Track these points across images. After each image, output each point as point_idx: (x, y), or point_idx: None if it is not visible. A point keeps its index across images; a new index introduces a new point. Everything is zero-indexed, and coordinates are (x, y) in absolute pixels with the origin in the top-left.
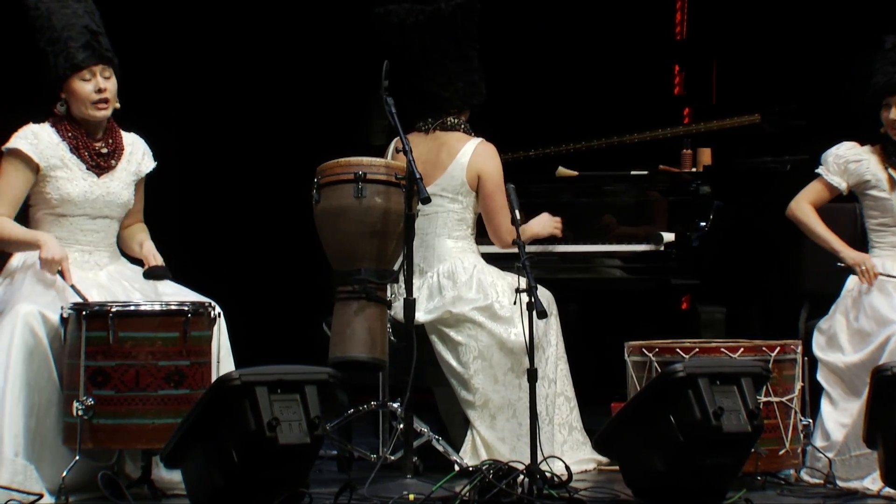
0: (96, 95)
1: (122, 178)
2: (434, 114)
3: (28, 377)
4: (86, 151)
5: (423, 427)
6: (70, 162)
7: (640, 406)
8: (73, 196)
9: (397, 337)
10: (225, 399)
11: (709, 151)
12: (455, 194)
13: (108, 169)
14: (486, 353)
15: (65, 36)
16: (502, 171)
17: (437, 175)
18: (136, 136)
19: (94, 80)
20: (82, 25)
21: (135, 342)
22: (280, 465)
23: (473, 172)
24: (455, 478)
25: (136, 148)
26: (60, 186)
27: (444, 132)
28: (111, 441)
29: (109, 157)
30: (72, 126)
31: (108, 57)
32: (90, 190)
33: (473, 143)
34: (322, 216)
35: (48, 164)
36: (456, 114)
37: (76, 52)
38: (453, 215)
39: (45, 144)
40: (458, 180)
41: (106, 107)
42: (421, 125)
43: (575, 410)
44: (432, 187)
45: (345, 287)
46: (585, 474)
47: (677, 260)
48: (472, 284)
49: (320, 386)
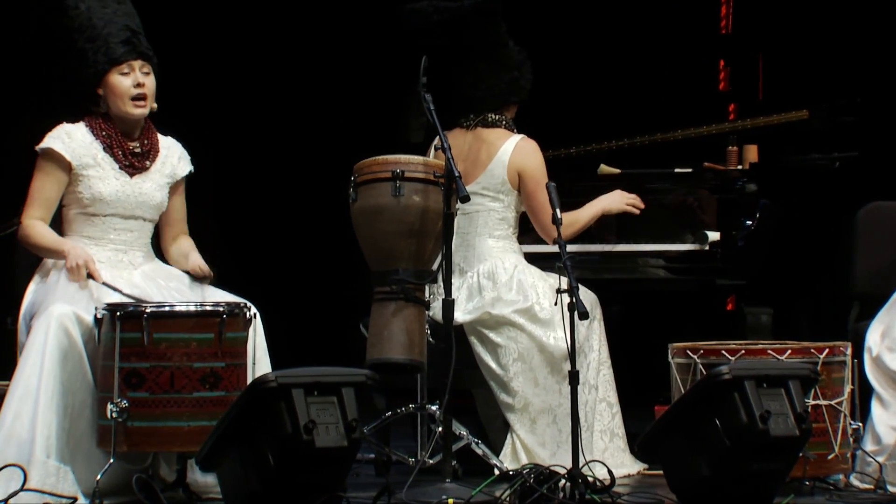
0: (134, 90)
1: (155, 180)
2: (474, 111)
3: (62, 379)
4: (119, 151)
5: (462, 430)
6: (103, 161)
7: (684, 409)
8: (105, 195)
9: (436, 338)
10: (261, 401)
11: (755, 148)
12: (496, 193)
13: (141, 169)
14: (525, 355)
15: (105, 33)
16: (545, 166)
17: (477, 173)
18: (174, 140)
19: (132, 74)
20: (123, 24)
21: (169, 343)
22: (317, 468)
23: (514, 170)
24: (495, 482)
25: (173, 151)
26: (92, 185)
27: (485, 129)
28: (146, 444)
29: (144, 158)
30: (107, 125)
31: (147, 54)
32: (122, 189)
33: (514, 140)
34: (359, 215)
35: (80, 162)
36: (498, 110)
37: (116, 47)
38: (494, 214)
39: (77, 143)
40: (498, 178)
41: (143, 104)
42: (462, 122)
43: (617, 417)
44: (473, 185)
45: (382, 288)
46: (628, 479)
47: (723, 260)
48: (512, 285)
49: (358, 388)
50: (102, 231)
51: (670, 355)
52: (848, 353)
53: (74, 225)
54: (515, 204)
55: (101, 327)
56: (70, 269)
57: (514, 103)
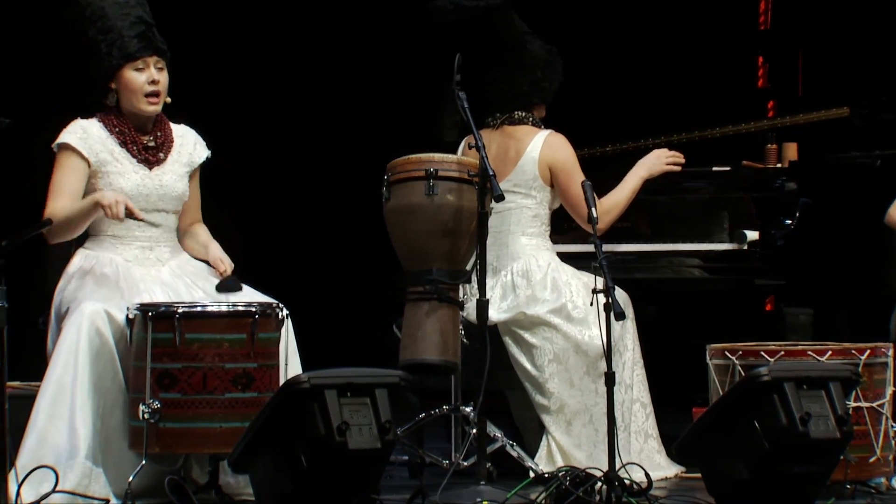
0: (149, 87)
1: (174, 171)
2: (500, 110)
3: (94, 378)
4: (133, 146)
5: (497, 432)
6: (120, 156)
7: (722, 411)
8: (126, 190)
9: (470, 339)
10: (293, 403)
11: (794, 146)
12: (528, 189)
13: (157, 162)
14: (561, 356)
15: (119, 25)
16: (576, 159)
17: (508, 171)
18: (186, 127)
19: (147, 70)
20: (136, 16)
21: (202, 344)
22: (350, 470)
23: (545, 165)
24: (530, 485)
25: (187, 139)
26: (112, 181)
27: (511, 126)
28: (178, 445)
29: (157, 151)
30: (119, 120)
31: (162, 49)
32: (143, 183)
33: (542, 136)
34: (392, 214)
35: (98, 159)
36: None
37: (130, 42)
38: (527, 212)
39: (94, 139)
40: (529, 175)
41: (157, 101)
42: (489, 121)
43: (651, 417)
44: (504, 183)
45: (416, 288)
46: (665, 482)
47: (761, 259)
48: (546, 283)
49: (391, 389)
50: (127, 228)
51: (708, 356)
52: (890, 355)
53: (98, 225)
54: (548, 201)
55: (132, 327)
56: (107, 206)
57: (537, 104)
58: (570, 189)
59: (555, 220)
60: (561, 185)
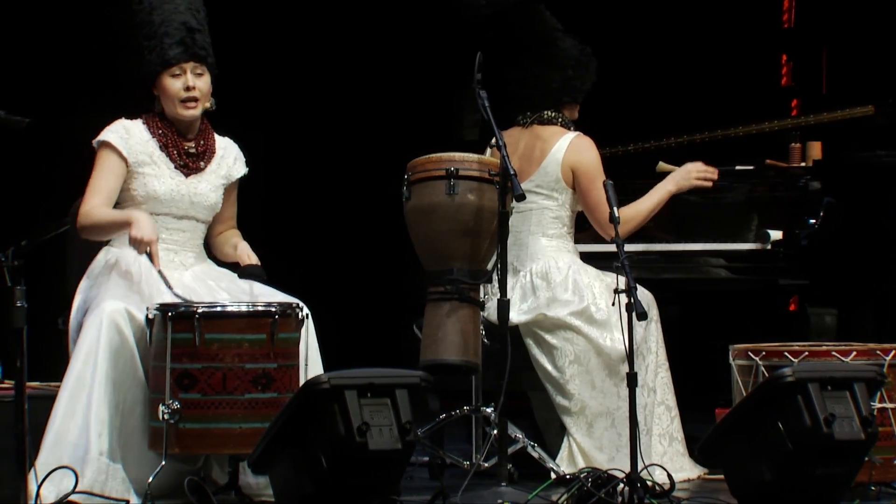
0: (184, 93)
1: (210, 181)
2: (530, 108)
3: (113, 376)
4: (175, 150)
5: (518, 433)
6: (158, 159)
7: (746, 412)
8: (160, 193)
9: (491, 339)
10: (313, 403)
11: (819, 145)
12: (550, 191)
13: (196, 170)
14: (582, 357)
15: (161, 31)
16: (601, 163)
17: (531, 171)
18: (230, 141)
19: (183, 77)
20: (180, 21)
21: (221, 344)
22: (370, 471)
23: (567, 167)
24: (552, 486)
25: (229, 152)
26: (147, 183)
27: (540, 126)
28: (198, 446)
29: (199, 159)
30: (163, 124)
31: (200, 55)
32: (176, 189)
33: (568, 137)
34: (412, 214)
35: (136, 160)
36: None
37: (168, 49)
38: (548, 213)
39: (135, 140)
40: (552, 176)
41: (195, 105)
42: (520, 119)
43: (676, 420)
44: (527, 183)
45: (436, 288)
46: (688, 483)
47: (785, 259)
48: (567, 285)
49: (411, 390)
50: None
51: (731, 357)
52: None
53: None
54: (570, 203)
55: (152, 327)
56: (133, 238)
57: (568, 103)
58: (591, 193)
59: (579, 219)
60: (582, 189)
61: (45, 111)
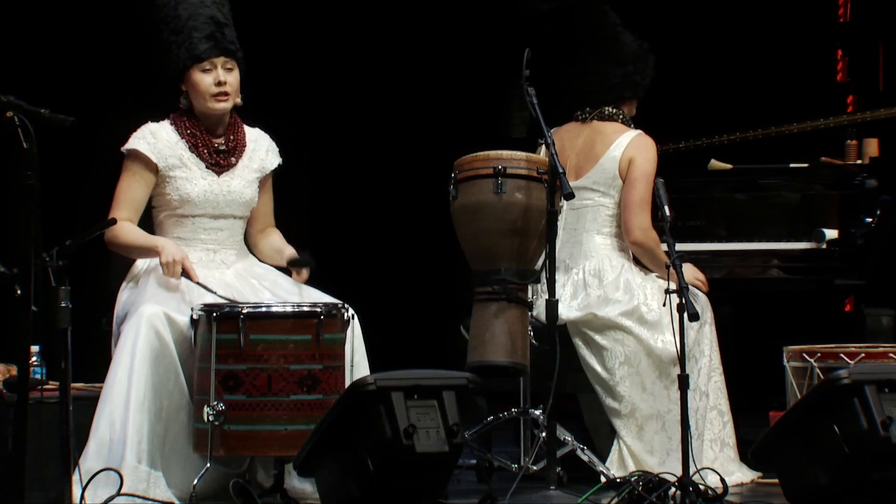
0: (216, 88)
1: (243, 176)
2: (589, 104)
3: (154, 381)
4: (204, 149)
5: (567, 436)
6: (189, 161)
7: (800, 415)
8: (193, 196)
9: (539, 340)
10: (359, 405)
11: (875, 142)
12: (607, 188)
13: (227, 167)
14: (632, 359)
15: (189, 26)
16: (656, 164)
17: (589, 167)
18: (261, 132)
19: (214, 71)
20: (208, 16)
21: (266, 345)
22: (417, 474)
23: (625, 163)
24: (601, 490)
25: (260, 144)
26: (180, 187)
27: (601, 122)
28: (243, 448)
29: (229, 155)
30: (191, 122)
31: (230, 49)
32: (210, 189)
33: (630, 135)
34: (459, 213)
35: (166, 164)
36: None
37: (198, 43)
38: (604, 210)
39: (163, 144)
40: (610, 173)
41: (226, 99)
42: (578, 114)
43: (728, 426)
44: (583, 180)
45: (484, 288)
46: (740, 487)
47: (841, 259)
48: (619, 284)
49: (459, 392)
50: (193, 232)
51: (785, 359)
52: None
53: (165, 227)
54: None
55: (196, 328)
56: (164, 264)
57: (628, 99)
58: (635, 188)
59: None
60: (630, 179)
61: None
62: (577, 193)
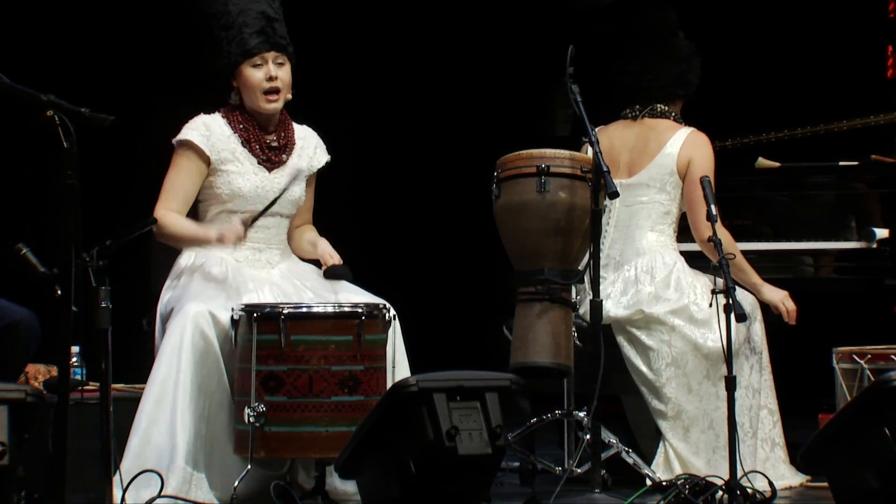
0: (267, 84)
1: (292, 175)
2: (640, 101)
3: (198, 381)
4: (257, 145)
5: (612, 438)
6: (241, 156)
7: (850, 418)
8: (245, 191)
9: (583, 341)
10: (401, 406)
11: None
12: (662, 184)
13: (278, 164)
14: (679, 359)
15: (239, 21)
16: (714, 162)
17: (643, 163)
18: (309, 130)
19: (265, 66)
20: (258, 11)
21: (307, 346)
22: (460, 476)
23: (684, 160)
24: (647, 493)
25: (308, 142)
26: (231, 181)
27: (653, 119)
28: (284, 449)
29: (280, 152)
30: (244, 117)
31: (281, 44)
32: (261, 185)
33: (685, 132)
34: (502, 212)
35: (219, 157)
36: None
37: (249, 38)
38: (658, 207)
39: (216, 136)
40: (666, 169)
41: (276, 98)
42: (628, 112)
43: (778, 425)
44: (638, 176)
45: (527, 288)
46: (789, 491)
47: (891, 258)
48: (669, 282)
49: (502, 393)
50: None
51: (835, 360)
52: None
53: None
54: (680, 200)
55: (237, 329)
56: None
57: (680, 97)
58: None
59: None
60: (691, 180)
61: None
62: (631, 190)
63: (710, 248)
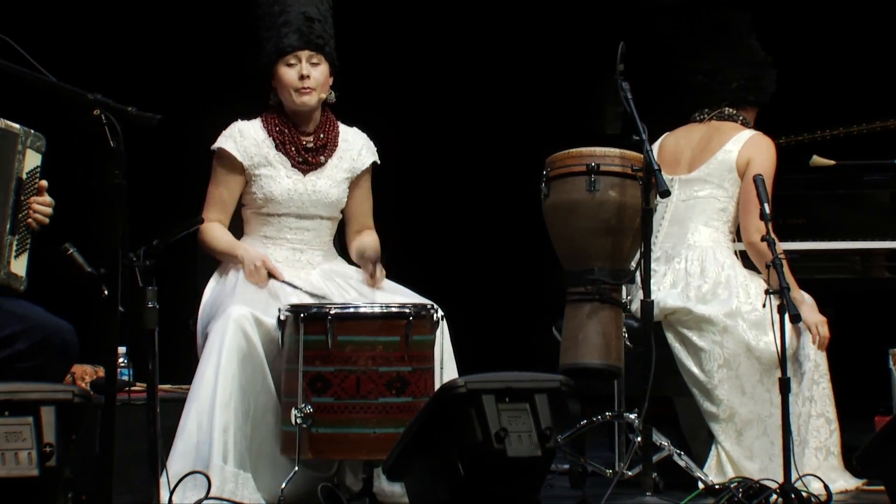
0: (299, 82)
1: (331, 176)
2: (708, 104)
3: (241, 382)
4: (292, 147)
5: (663, 440)
6: (275, 160)
7: None
8: (277, 195)
9: (634, 342)
10: (449, 408)
11: None
12: (721, 181)
13: (315, 165)
14: (732, 361)
15: (280, 22)
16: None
17: (704, 159)
18: (357, 131)
19: (298, 65)
20: (300, 11)
21: (355, 346)
22: (509, 479)
23: (744, 158)
24: (699, 496)
25: (354, 144)
26: (264, 185)
27: (719, 122)
28: (331, 451)
29: (318, 153)
30: (281, 120)
31: (317, 43)
32: (294, 188)
33: (747, 133)
34: (551, 211)
35: (252, 162)
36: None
37: (284, 38)
38: (715, 203)
39: (249, 142)
40: (725, 166)
41: (308, 92)
42: (696, 116)
43: (835, 434)
44: (697, 172)
45: (576, 288)
46: (844, 494)
47: None
48: (720, 280)
49: (551, 394)
50: (278, 230)
51: (891, 362)
52: None
53: (252, 225)
54: (737, 197)
55: (284, 329)
56: (249, 273)
57: (751, 104)
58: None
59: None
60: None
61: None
62: (689, 185)
63: (756, 251)
